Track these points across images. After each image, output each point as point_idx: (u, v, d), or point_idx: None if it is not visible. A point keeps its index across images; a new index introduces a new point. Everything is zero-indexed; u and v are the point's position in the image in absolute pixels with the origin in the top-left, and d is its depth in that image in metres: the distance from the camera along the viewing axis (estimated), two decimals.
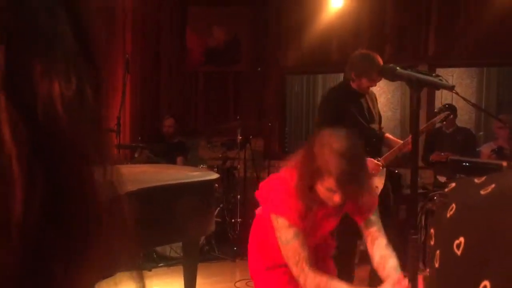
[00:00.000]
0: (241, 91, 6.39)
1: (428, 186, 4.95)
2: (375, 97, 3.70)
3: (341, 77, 6.69)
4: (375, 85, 3.55)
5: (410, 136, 3.52)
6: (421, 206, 4.45)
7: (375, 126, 3.58)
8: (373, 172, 3.44)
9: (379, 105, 3.81)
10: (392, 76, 1.65)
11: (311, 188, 1.75)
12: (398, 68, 1.64)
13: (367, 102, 3.56)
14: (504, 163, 3.78)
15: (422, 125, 5.30)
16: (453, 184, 0.53)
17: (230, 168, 5.77)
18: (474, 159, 4.54)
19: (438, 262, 0.50)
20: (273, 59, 6.50)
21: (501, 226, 0.42)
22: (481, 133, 6.74)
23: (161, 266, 4.54)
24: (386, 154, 3.49)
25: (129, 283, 0.40)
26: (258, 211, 2.06)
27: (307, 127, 7.40)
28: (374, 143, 3.51)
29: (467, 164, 4.37)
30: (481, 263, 0.43)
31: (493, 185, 0.47)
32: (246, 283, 4.29)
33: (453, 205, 0.49)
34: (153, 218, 2.38)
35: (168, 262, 4.54)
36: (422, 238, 4.50)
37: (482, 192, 0.47)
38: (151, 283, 4.21)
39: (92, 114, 0.31)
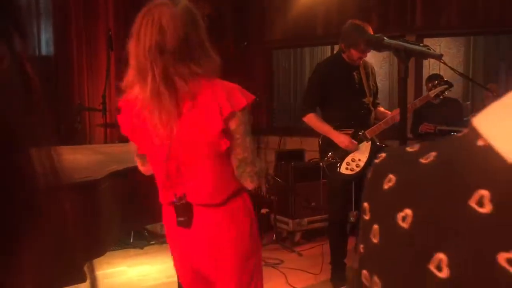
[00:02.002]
0: (227, 67, 6.30)
1: None
2: (372, 70, 3.65)
3: (327, 50, 6.66)
4: (365, 56, 3.50)
5: (397, 109, 3.50)
6: None
7: (366, 99, 3.52)
8: (348, 148, 3.40)
9: None
10: (379, 47, 1.62)
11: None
12: (385, 38, 1.62)
13: (359, 74, 3.51)
14: None
15: (410, 95, 5.31)
16: (383, 155, 0.51)
17: None
18: (462, 129, 4.56)
19: (377, 237, 0.48)
20: (258, 34, 6.42)
21: (452, 195, 0.41)
22: (468, 102, 6.76)
23: (152, 244, 4.55)
24: (372, 128, 3.47)
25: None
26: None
27: (295, 102, 7.36)
28: (360, 116, 3.48)
29: (455, 133, 4.40)
30: (433, 235, 0.41)
31: (434, 153, 0.45)
32: None
33: (390, 176, 0.47)
34: (142, 196, 2.35)
35: (159, 239, 4.55)
36: None
37: (422, 161, 0.45)
38: (143, 261, 4.22)
39: (25, 102, 0.29)
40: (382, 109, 3.69)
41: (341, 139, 3.40)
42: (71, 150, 3.29)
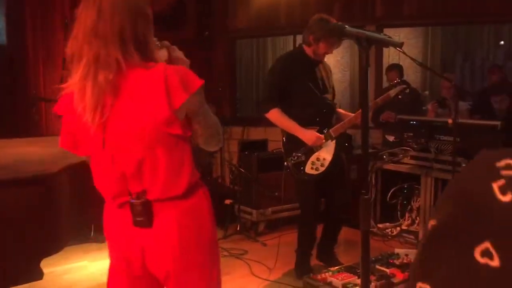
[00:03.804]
0: (189, 57, 6.20)
1: (377, 146, 5.06)
2: (330, 70, 3.60)
3: (289, 40, 6.66)
4: (331, 52, 3.43)
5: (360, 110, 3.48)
6: (371, 165, 4.55)
7: (329, 96, 3.49)
8: (315, 144, 3.35)
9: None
10: (341, 34, 1.62)
11: None
12: (347, 26, 1.61)
13: (320, 71, 3.46)
14: (450, 121, 3.89)
15: (371, 84, 5.38)
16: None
17: None
18: (421, 118, 4.66)
19: None
20: (221, 23, 6.35)
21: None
22: (426, 92, 6.92)
23: None
24: (336, 126, 3.41)
25: None
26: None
27: (258, 92, 7.36)
28: (324, 113, 3.44)
29: (414, 122, 4.49)
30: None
31: None
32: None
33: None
34: None
35: None
36: (373, 197, 4.63)
37: None
38: (104, 255, 4.13)
39: None
40: (341, 110, 3.64)
41: (308, 136, 3.33)
42: (26, 143, 3.17)
